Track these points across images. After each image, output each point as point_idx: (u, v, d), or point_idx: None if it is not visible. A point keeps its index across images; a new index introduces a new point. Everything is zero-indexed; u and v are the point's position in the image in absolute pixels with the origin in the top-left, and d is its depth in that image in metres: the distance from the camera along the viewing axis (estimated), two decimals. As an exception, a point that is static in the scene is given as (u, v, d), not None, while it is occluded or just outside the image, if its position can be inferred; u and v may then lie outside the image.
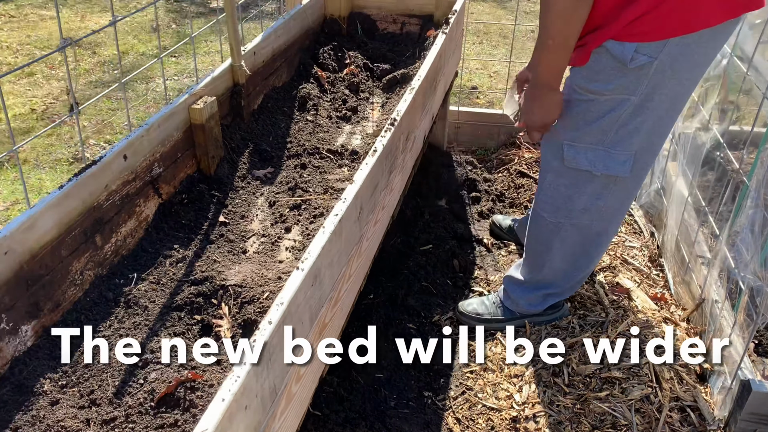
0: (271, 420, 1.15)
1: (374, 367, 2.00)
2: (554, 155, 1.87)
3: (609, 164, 1.79)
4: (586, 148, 1.80)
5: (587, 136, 1.78)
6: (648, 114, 1.70)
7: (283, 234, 1.88)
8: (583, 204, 1.89)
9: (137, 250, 1.74)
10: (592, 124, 1.75)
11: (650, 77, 1.64)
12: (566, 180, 1.87)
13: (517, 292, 2.16)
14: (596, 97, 1.72)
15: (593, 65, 1.69)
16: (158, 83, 4.26)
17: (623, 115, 1.71)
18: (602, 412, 1.84)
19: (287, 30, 2.62)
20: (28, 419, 1.26)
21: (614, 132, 1.74)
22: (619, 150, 1.77)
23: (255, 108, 2.37)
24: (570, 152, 1.82)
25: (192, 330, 1.50)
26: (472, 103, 4.05)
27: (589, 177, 1.83)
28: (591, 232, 1.96)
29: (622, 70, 1.64)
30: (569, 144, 1.81)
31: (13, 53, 4.68)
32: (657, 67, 1.62)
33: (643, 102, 1.68)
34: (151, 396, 1.28)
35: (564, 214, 1.93)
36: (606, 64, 1.66)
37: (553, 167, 1.89)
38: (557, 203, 1.93)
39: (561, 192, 1.90)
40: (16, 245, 1.36)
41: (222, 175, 2.06)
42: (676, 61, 1.61)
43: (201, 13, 5.80)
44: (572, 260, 2.03)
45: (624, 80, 1.66)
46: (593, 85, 1.70)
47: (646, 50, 1.60)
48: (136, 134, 1.72)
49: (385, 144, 1.71)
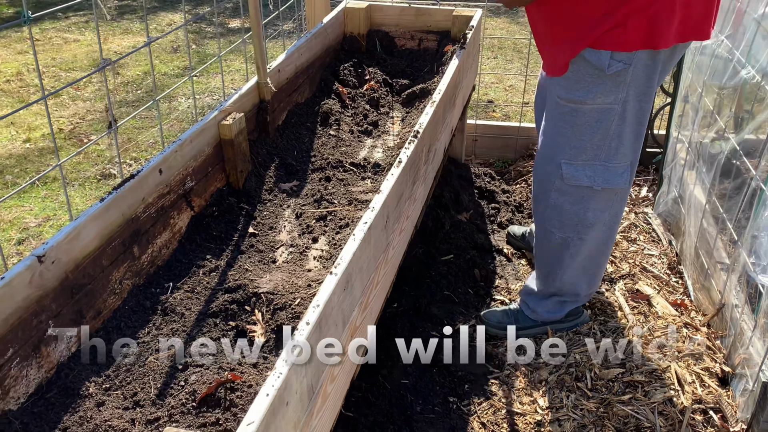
0: (309, 417, 1.20)
1: (400, 374, 2.04)
2: (555, 174, 1.92)
3: (608, 178, 1.86)
4: (584, 164, 1.86)
5: (583, 153, 1.84)
6: (629, 122, 1.79)
7: (310, 244, 1.94)
8: (590, 219, 1.94)
9: (172, 260, 1.81)
10: (584, 138, 1.82)
11: (627, 84, 1.73)
12: (570, 197, 1.93)
13: (534, 302, 2.21)
14: (579, 106, 1.78)
15: (572, 75, 1.77)
16: (180, 102, 4.36)
17: (611, 125, 1.79)
18: (626, 415, 1.87)
19: (309, 48, 2.70)
20: (76, 420, 1.32)
21: (607, 145, 1.82)
22: (616, 162, 1.84)
23: (280, 123, 2.45)
24: (569, 170, 1.87)
25: (227, 335, 1.56)
26: (489, 117, 4.11)
27: (591, 192, 1.89)
28: (598, 243, 2.01)
29: (601, 76, 1.73)
30: (567, 162, 1.87)
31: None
32: (632, 74, 1.72)
33: (625, 110, 1.77)
34: (193, 397, 1.34)
35: (572, 229, 1.98)
36: (585, 72, 1.74)
37: (556, 186, 1.93)
38: (564, 220, 1.97)
39: (567, 209, 1.95)
40: (62, 255, 1.43)
41: (250, 189, 2.13)
42: (648, 67, 1.72)
43: (220, 34, 5.93)
44: (583, 271, 2.09)
45: (603, 87, 1.74)
46: (574, 94, 1.77)
47: (620, 57, 1.70)
48: (170, 149, 1.80)
49: (409, 155, 1.77)
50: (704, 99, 2.49)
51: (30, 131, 3.91)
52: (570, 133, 1.83)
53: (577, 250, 2.02)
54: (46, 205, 3.14)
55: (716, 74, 2.40)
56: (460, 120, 2.93)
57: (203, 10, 6.58)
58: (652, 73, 1.74)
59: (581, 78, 1.76)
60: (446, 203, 2.83)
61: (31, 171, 3.45)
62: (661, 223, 2.86)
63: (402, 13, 3.14)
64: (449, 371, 2.11)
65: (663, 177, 2.91)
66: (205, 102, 4.37)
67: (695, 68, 2.65)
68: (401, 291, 2.35)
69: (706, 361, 2.05)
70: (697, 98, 2.59)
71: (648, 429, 1.84)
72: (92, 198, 3.20)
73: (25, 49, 5.38)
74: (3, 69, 4.91)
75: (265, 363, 1.47)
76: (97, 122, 4.07)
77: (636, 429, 1.84)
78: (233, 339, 1.56)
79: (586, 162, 1.85)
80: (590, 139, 1.81)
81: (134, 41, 5.66)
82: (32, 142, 3.78)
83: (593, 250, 2.04)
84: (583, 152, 1.84)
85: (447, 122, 2.43)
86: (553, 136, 1.87)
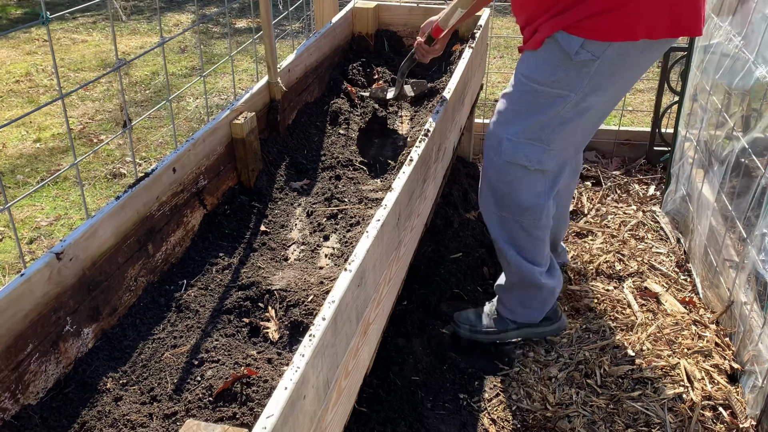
0: (324, 411, 1.22)
1: (411, 371, 2.06)
2: (495, 151, 1.91)
3: (542, 159, 1.86)
4: (525, 143, 1.85)
5: (527, 131, 1.84)
6: (584, 114, 1.80)
7: (321, 242, 1.96)
8: (525, 202, 1.92)
9: (185, 258, 1.82)
10: (532, 118, 1.83)
11: (591, 76, 1.74)
12: (505, 176, 1.91)
13: (507, 298, 2.17)
14: (538, 86, 1.80)
15: (541, 53, 1.78)
16: (189, 102, 4.39)
17: (562, 112, 1.80)
18: (635, 411, 1.89)
19: (318, 48, 2.72)
20: (94, 414, 1.34)
21: (552, 129, 1.82)
22: (554, 146, 1.85)
23: (290, 123, 2.47)
24: (508, 146, 1.87)
25: (241, 332, 1.58)
26: (496, 116, 4.12)
27: (525, 172, 1.88)
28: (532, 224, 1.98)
29: (566, 62, 1.73)
30: (509, 138, 1.86)
31: (48, 76, 4.85)
32: (598, 68, 1.72)
33: (581, 101, 1.77)
34: (209, 392, 1.36)
35: (507, 209, 1.97)
36: (552, 54, 1.75)
37: (494, 163, 1.92)
38: (498, 198, 1.96)
39: (501, 188, 1.94)
40: (80, 252, 1.45)
41: (261, 187, 2.15)
42: (615, 65, 1.72)
43: (227, 34, 5.96)
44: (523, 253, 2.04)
45: (566, 73, 1.74)
46: (537, 73, 1.79)
47: (590, 47, 1.70)
48: (184, 148, 1.82)
49: (420, 153, 1.78)
50: (713, 97, 2.50)
51: (40, 131, 3.94)
52: (522, 110, 1.84)
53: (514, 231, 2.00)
54: (57, 205, 3.17)
55: (725, 73, 2.40)
56: (468, 119, 2.94)
57: (210, 10, 6.62)
58: (619, 70, 1.74)
59: (548, 59, 1.77)
60: (455, 202, 2.84)
61: (42, 171, 3.48)
62: (669, 221, 2.86)
63: (410, 12, 3.15)
64: (459, 368, 2.13)
65: (671, 175, 2.92)
66: (213, 102, 4.39)
67: (704, 67, 2.65)
68: (411, 288, 2.37)
69: (715, 358, 2.06)
70: (705, 97, 2.60)
71: (658, 425, 1.85)
72: (102, 197, 3.23)
73: (34, 50, 5.42)
74: (12, 70, 4.95)
75: (279, 359, 1.49)
76: (107, 122, 4.10)
77: (646, 425, 1.85)
78: (247, 335, 1.58)
79: (528, 141, 1.85)
80: (537, 119, 1.82)
81: (142, 41, 5.69)
82: (42, 142, 3.81)
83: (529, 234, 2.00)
84: (527, 131, 1.84)
85: (456, 121, 2.44)
86: (505, 112, 1.88)
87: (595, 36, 1.69)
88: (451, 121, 2.29)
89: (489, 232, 2.11)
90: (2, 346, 1.25)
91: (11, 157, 3.63)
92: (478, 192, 2.06)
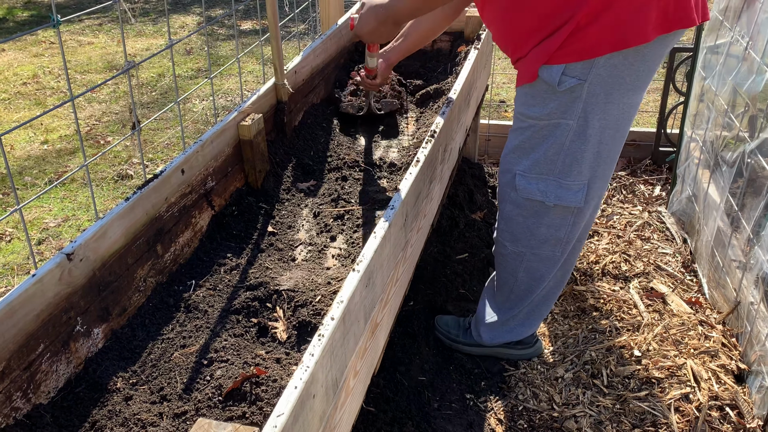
0: (334, 410, 1.23)
1: (417, 371, 2.07)
2: (510, 185, 1.85)
3: (561, 195, 1.76)
4: (537, 178, 1.77)
5: (536, 166, 1.76)
6: (590, 141, 1.68)
7: (328, 243, 1.97)
8: (543, 235, 1.85)
9: (194, 258, 1.84)
10: (537, 152, 1.74)
11: (583, 100, 1.62)
12: (523, 211, 1.84)
13: (482, 317, 2.13)
14: (535, 122, 1.71)
15: (529, 90, 1.69)
16: (195, 104, 4.41)
17: (565, 141, 1.69)
18: (642, 411, 1.89)
19: (324, 49, 2.73)
20: (105, 414, 1.36)
21: (561, 161, 1.72)
22: (570, 180, 1.74)
23: (296, 124, 2.48)
24: (522, 182, 1.80)
25: (250, 332, 1.59)
26: (501, 117, 4.13)
27: (544, 208, 1.80)
28: (554, 262, 1.92)
29: (554, 93, 1.64)
30: (521, 174, 1.79)
31: (55, 78, 4.88)
32: (588, 90, 1.61)
33: (582, 128, 1.66)
34: (219, 391, 1.37)
35: (524, 244, 1.90)
36: (539, 88, 1.66)
37: (510, 198, 1.86)
38: (517, 233, 1.90)
39: (519, 222, 1.87)
40: (90, 253, 1.46)
41: (268, 188, 2.16)
42: (606, 83, 1.60)
43: (232, 36, 5.98)
44: (536, 287, 1.99)
45: (557, 103, 1.65)
46: (531, 110, 1.71)
47: (573, 71, 1.59)
48: (192, 150, 1.83)
49: (426, 154, 1.79)
50: (718, 98, 2.50)
51: (47, 133, 3.96)
52: (526, 146, 1.76)
53: (531, 265, 1.93)
54: (64, 206, 3.19)
55: (731, 73, 2.41)
56: (473, 120, 2.95)
57: (216, 12, 6.64)
58: (615, 85, 1.61)
59: (537, 93, 1.68)
60: (460, 203, 2.85)
61: (50, 172, 3.50)
62: (675, 221, 2.87)
63: (415, 14, 3.15)
64: (465, 369, 2.14)
65: (677, 176, 2.92)
66: (219, 103, 4.41)
67: (709, 67, 2.66)
68: (417, 289, 2.37)
69: (721, 358, 2.07)
70: (711, 97, 2.60)
71: (664, 425, 1.85)
72: (110, 198, 3.24)
73: (41, 52, 5.45)
74: (19, 72, 4.97)
75: (288, 359, 1.50)
76: (114, 124, 4.12)
77: (652, 425, 1.86)
78: (256, 335, 1.59)
79: (540, 176, 1.76)
80: (544, 154, 1.73)
81: (148, 43, 5.72)
82: (50, 144, 3.83)
83: (548, 269, 1.94)
84: (537, 166, 1.76)
85: (462, 122, 2.45)
86: (512, 148, 1.81)
87: (576, 57, 1.57)
88: (456, 122, 2.30)
89: (498, 262, 2.04)
90: (15, 346, 1.26)
91: (19, 159, 3.65)
92: (497, 223, 1.99)
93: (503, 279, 2.04)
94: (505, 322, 2.09)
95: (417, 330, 2.20)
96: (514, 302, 2.05)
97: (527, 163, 1.77)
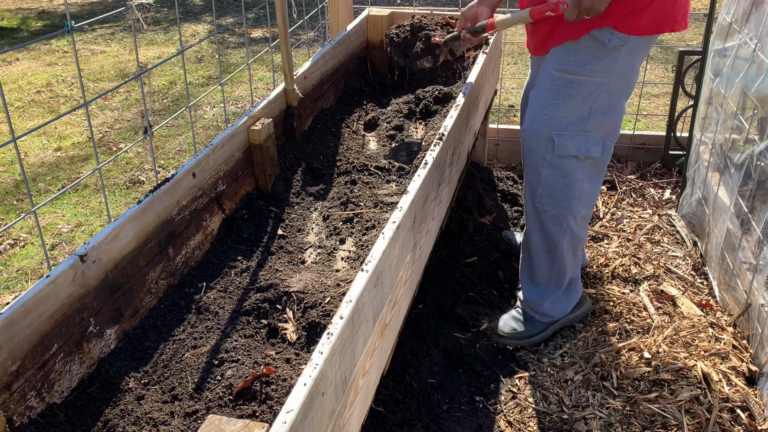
0: (343, 409, 1.24)
1: (427, 373, 2.07)
2: (545, 149, 2.01)
3: (589, 147, 1.98)
4: (572, 134, 1.97)
5: (572, 124, 1.96)
6: (612, 95, 1.94)
7: (338, 245, 1.98)
8: (577, 191, 2.04)
9: (204, 261, 1.86)
10: (572, 109, 1.95)
11: (618, 61, 1.89)
12: (560, 170, 2.02)
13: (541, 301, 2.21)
14: (575, 77, 1.91)
15: (572, 45, 1.90)
16: (206, 110, 4.45)
17: (599, 99, 1.93)
18: (652, 413, 1.88)
19: (334, 55, 2.75)
20: (117, 413, 1.37)
21: (591, 117, 1.95)
22: (593, 133, 1.98)
23: (306, 129, 2.50)
24: (560, 141, 1.98)
25: (260, 333, 1.61)
26: (510, 121, 4.14)
27: (576, 162, 2.00)
28: (584, 219, 2.13)
29: (601, 50, 1.87)
30: (558, 134, 1.98)
31: (68, 86, 4.94)
32: (623, 53, 1.88)
33: (611, 86, 1.92)
34: (229, 390, 1.39)
35: (564, 204, 2.06)
36: (586, 45, 1.88)
37: (547, 161, 2.02)
38: (557, 195, 2.05)
39: (558, 182, 2.03)
40: (103, 255, 1.48)
41: (278, 192, 2.18)
42: (632, 55, 1.90)
43: (242, 44, 6.03)
44: (574, 249, 2.17)
45: (600, 60, 1.88)
46: (572, 65, 1.91)
47: (618, 35, 1.86)
48: (203, 154, 1.85)
49: (435, 157, 1.81)
50: (728, 101, 2.50)
51: (60, 140, 4.01)
52: (561, 104, 1.95)
53: (569, 226, 2.10)
54: (77, 212, 3.22)
55: (741, 76, 2.40)
56: (482, 124, 2.96)
57: (227, 21, 6.70)
58: (639, 56, 1.92)
59: (581, 50, 1.89)
60: (469, 206, 2.85)
61: (63, 178, 3.54)
62: (685, 224, 2.86)
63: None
64: (475, 371, 2.14)
65: (686, 179, 2.92)
66: (229, 110, 4.45)
67: (718, 70, 2.66)
68: (426, 292, 2.38)
69: (732, 360, 2.06)
70: (720, 100, 2.60)
71: (675, 427, 1.85)
72: (122, 204, 3.28)
73: (54, 61, 5.52)
74: (33, 80, 5.04)
75: (297, 359, 1.51)
76: (126, 131, 4.17)
77: (663, 427, 1.85)
78: (266, 336, 1.60)
79: (574, 132, 1.97)
80: (579, 110, 1.94)
81: (160, 52, 5.77)
82: (63, 151, 3.88)
83: (580, 227, 2.13)
84: (572, 123, 1.96)
85: (470, 126, 2.46)
86: (544, 110, 1.98)
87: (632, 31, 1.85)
88: (465, 125, 2.31)
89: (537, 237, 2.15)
90: (29, 345, 1.28)
91: (33, 166, 3.70)
92: (529, 199, 2.12)
93: (549, 251, 2.15)
94: (565, 291, 2.23)
95: (426, 332, 2.21)
96: (564, 269, 2.18)
97: (562, 122, 1.97)
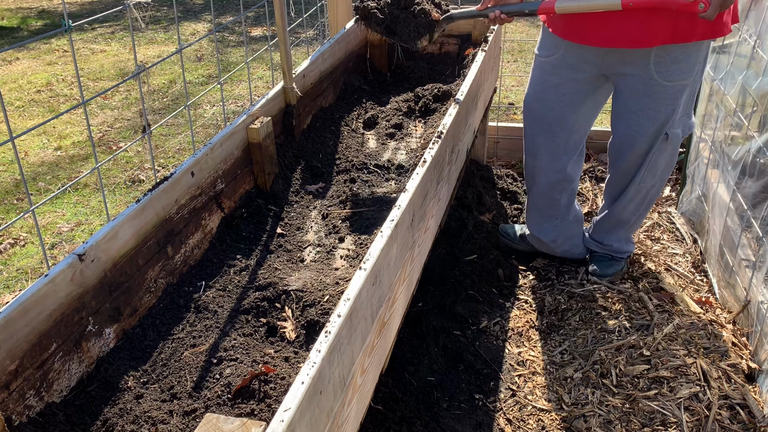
0: (341, 407, 1.24)
1: (426, 371, 2.07)
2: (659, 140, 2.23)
3: (690, 125, 2.29)
4: (680, 121, 2.23)
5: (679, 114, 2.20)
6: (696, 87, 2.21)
7: (337, 244, 1.98)
8: (673, 163, 2.36)
9: (203, 260, 1.86)
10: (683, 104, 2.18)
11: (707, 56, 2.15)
12: (667, 153, 2.28)
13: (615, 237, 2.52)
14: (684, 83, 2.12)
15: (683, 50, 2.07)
16: (205, 109, 4.45)
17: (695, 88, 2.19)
18: (651, 410, 1.88)
19: (333, 53, 2.75)
20: (116, 412, 1.38)
21: (691, 101, 2.22)
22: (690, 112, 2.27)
23: (305, 127, 2.50)
24: (675, 132, 2.23)
25: (259, 331, 1.61)
26: (510, 119, 4.14)
27: (678, 141, 2.27)
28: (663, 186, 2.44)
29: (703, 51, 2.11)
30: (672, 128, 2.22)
31: (68, 85, 4.94)
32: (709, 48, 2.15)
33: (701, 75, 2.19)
34: (228, 389, 1.39)
35: (665, 176, 2.36)
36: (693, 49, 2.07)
37: (657, 148, 2.25)
38: (666, 172, 2.34)
39: (663, 161, 2.29)
40: (101, 254, 1.48)
41: (277, 191, 2.18)
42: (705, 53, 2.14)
43: (241, 42, 6.02)
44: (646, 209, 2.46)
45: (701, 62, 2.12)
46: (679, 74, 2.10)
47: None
48: (202, 152, 1.85)
49: (433, 155, 1.80)
50: (727, 98, 2.49)
51: (61, 139, 4.01)
52: (674, 105, 2.16)
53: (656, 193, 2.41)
54: (77, 211, 3.22)
55: (741, 73, 2.40)
56: (482, 122, 2.96)
57: (226, 19, 6.69)
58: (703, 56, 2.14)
59: (679, 59, 2.07)
60: (469, 204, 2.85)
61: (63, 178, 3.54)
62: (684, 222, 2.86)
63: (423, 17, 3.17)
64: (474, 369, 2.14)
65: (686, 176, 2.91)
66: (229, 109, 4.44)
67: (718, 67, 2.65)
68: (426, 290, 2.38)
69: (732, 357, 2.06)
70: (720, 97, 2.60)
71: (674, 424, 1.85)
72: (122, 203, 3.28)
73: (54, 61, 5.52)
74: (33, 80, 5.04)
75: (296, 357, 1.52)
76: (125, 130, 4.17)
77: (662, 424, 1.85)
78: (265, 335, 1.60)
79: (681, 119, 2.23)
80: (686, 102, 2.19)
81: (159, 51, 5.77)
82: (63, 150, 3.88)
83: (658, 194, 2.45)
84: (679, 114, 2.21)
85: (469, 123, 2.46)
86: (657, 117, 2.18)
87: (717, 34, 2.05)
88: (464, 123, 2.31)
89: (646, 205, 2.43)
90: (28, 345, 1.28)
91: (33, 165, 3.70)
92: (656, 174, 2.33)
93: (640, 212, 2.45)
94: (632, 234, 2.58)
95: (426, 330, 2.21)
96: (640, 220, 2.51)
97: (674, 116, 2.19)
